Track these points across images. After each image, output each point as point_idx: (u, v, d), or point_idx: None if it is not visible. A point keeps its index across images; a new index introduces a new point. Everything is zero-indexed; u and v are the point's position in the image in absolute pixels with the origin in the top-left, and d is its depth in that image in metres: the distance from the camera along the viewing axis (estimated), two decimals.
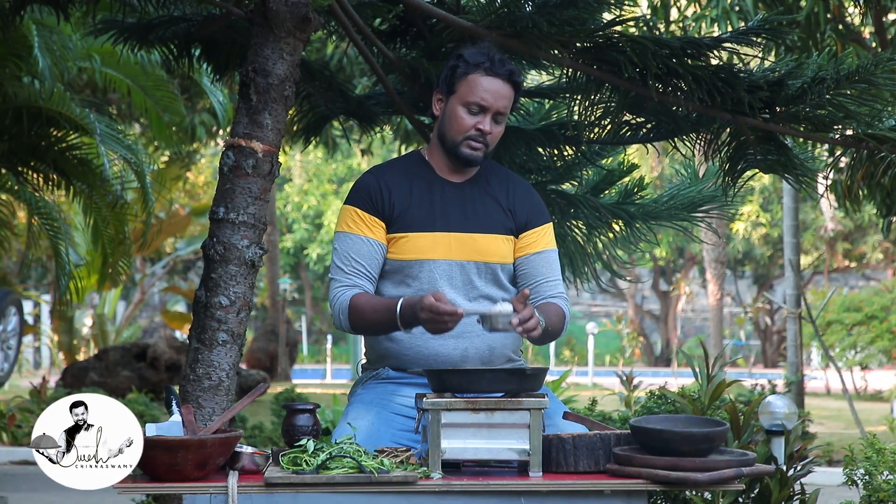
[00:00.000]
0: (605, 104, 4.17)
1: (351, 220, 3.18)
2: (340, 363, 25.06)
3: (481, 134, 3.13)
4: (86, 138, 7.90)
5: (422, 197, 3.19)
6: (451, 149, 3.17)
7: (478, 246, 3.18)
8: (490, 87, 3.12)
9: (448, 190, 3.21)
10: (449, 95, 3.17)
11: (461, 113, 3.14)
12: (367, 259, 3.16)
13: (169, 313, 19.19)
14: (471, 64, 3.13)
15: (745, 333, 28.07)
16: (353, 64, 10.90)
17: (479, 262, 3.18)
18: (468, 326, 3.13)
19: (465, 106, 3.13)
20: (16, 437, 9.78)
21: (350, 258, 3.16)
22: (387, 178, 3.21)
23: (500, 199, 3.24)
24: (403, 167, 3.25)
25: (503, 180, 3.28)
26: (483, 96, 3.12)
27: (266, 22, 3.59)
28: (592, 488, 2.70)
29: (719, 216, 4.85)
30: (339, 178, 29.09)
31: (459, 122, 3.14)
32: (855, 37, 7.75)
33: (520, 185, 3.31)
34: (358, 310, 3.11)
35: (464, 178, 3.24)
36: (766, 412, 4.47)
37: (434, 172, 3.23)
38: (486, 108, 3.12)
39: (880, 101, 3.83)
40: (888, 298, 15.28)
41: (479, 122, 3.13)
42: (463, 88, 3.13)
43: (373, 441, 3.01)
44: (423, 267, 3.16)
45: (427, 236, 3.16)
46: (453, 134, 3.15)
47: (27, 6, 4.65)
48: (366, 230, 3.17)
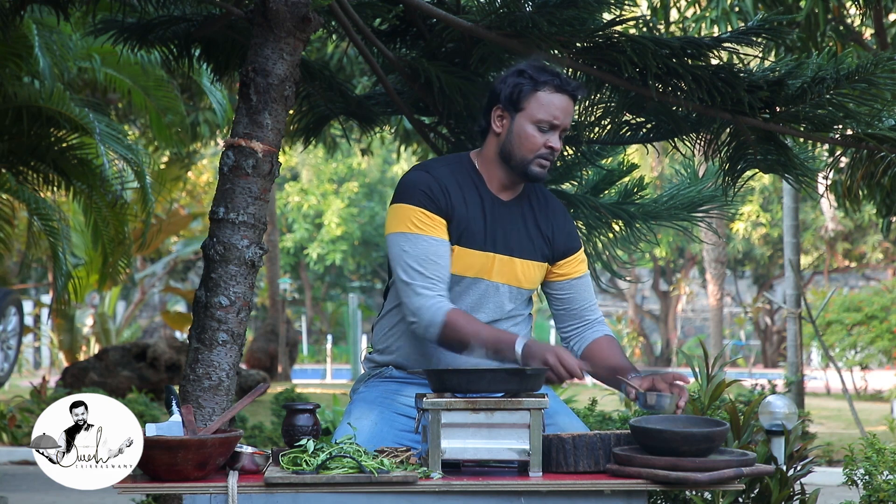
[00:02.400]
0: (605, 104, 4.17)
1: (417, 220, 3.03)
2: (340, 363, 25.07)
3: (552, 151, 3.08)
4: (86, 138, 7.90)
5: (476, 211, 3.10)
6: (520, 166, 3.08)
7: (515, 270, 3.15)
8: (560, 104, 3.07)
9: (498, 208, 3.14)
10: (515, 113, 3.08)
11: (531, 131, 3.07)
12: (445, 261, 3.03)
13: (169, 313, 19.20)
14: (539, 81, 3.07)
15: (745, 333, 28.08)
16: (353, 64, 10.90)
17: (513, 287, 3.15)
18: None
19: (536, 124, 3.06)
20: (16, 437, 9.79)
21: (430, 261, 3.01)
22: (443, 181, 3.09)
23: (540, 224, 3.19)
24: (456, 172, 3.13)
25: (542, 204, 3.22)
26: (555, 114, 3.06)
27: (266, 22, 3.59)
28: (592, 488, 2.70)
29: (719, 216, 4.85)
30: (339, 178, 29.09)
31: (531, 140, 3.07)
32: (855, 37, 7.75)
33: (557, 208, 3.26)
34: (456, 325, 2.97)
35: (511, 195, 3.17)
36: (766, 412, 4.47)
37: (485, 186, 3.14)
38: (556, 125, 3.07)
39: (880, 100, 3.83)
40: (888, 298, 15.28)
41: (548, 139, 3.07)
42: (533, 106, 3.06)
43: (375, 441, 3.01)
44: (472, 284, 3.11)
45: (481, 255, 3.10)
46: (524, 153, 3.07)
47: (27, 6, 4.66)
48: (437, 231, 3.04)
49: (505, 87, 3.09)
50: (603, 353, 3.14)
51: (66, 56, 8.20)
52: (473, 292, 3.12)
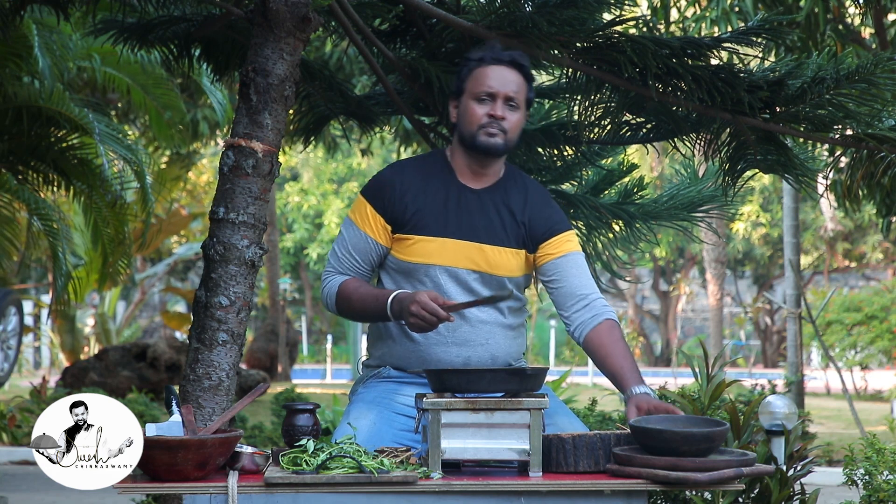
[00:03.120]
0: (605, 104, 4.16)
1: (360, 214, 3.23)
2: (340, 363, 25.07)
3: (494, 119, 3.14)
4: (86, 138, 7.90)
5: (437, 200, 3.19)
6: (470, 142, 3.17)
7: (485, 257, 3.17)
8: (493, 74, 3.16)
9: (465, 196, 3.20)
10: (461, 96, 3.21)
11: (473, 105, 3.17)
12: (363, 256, 3.23)
13: (169, 313, 19.19)
14: (474, 59, 3.20)
15: (745, 333, 28.08)
16: (353, 64, 10.90)
17: (484, 273, 3.17)
18: (471, 334, 3.14)
19: (476, 98, 3.16)
20: (16, 437, 9.79)
21: (347, 250, 3.24)
22: (405, 176, 3.22)
23: (515, 210, 3.21)
24: (424, 167, 3.26)
25: (521, 190, 3.25)
26: (490, 83, 3.15)
27: (266, 22, 3.59)
28: (592, 488, 2.70)
29: (719, 216, 4.85)
30: (339, 178, 29.09)
31: (472, 114, 3.16)
32: (855, 37, 7.75)
33: (538, 194, 3.28)
34: (345, 295, 3.21)
35: (483, 183, 3.23)
36: (766, 412, 4.47)
37: (454, 176, 3.23)
38: (494, 94, 3.15)
39: (880, 101, 3.83)
40: (888, 298, 15.28)
41: (490, 109, 3.15)
42: (470, 84, 3.18)
43: (374, 441, 3.01)
44: (427, 271, 3.16)
45: (435, 241, 3.17)
46: (470, 127, 3.16)
47: (27, 6, 4.65)
48: (369, 229, 3.21)
49: (454, 80, 3.26)
50: (603, 350, 3.11)
51: (65, 56, 8.20)
52: (434, 278, 3.16)
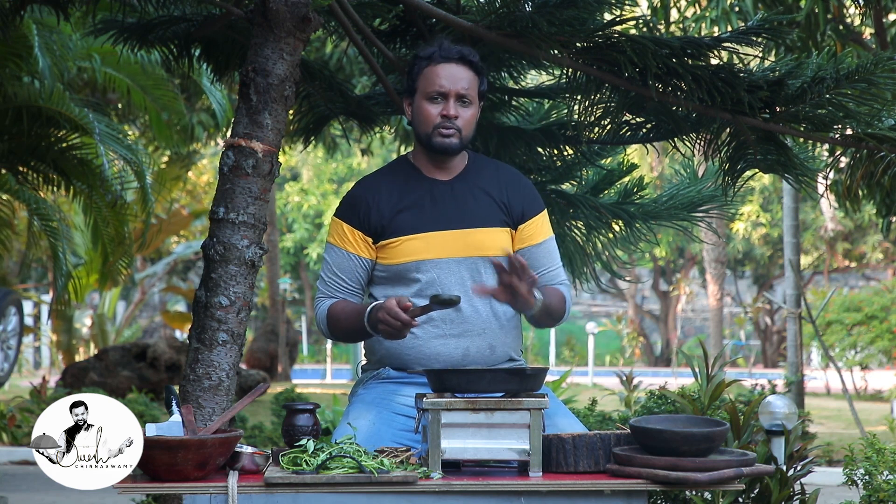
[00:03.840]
0: (605, 104, 4.16)
1: (338, 234, 3.25)
2: (340, 363, 25.06)
3: (448, 119, 3.15)
4: (86, 138, 7.91)
5: (411, 200, 3.21)
6: (426, 142, 3.19)
7: (476, 241, 3.19)
8: (443, 72, 3.16)
9: (438, 188, 3.22)
10: (413, 96, 3.22)
11: (425, 106, 3.17)
12: (349, 274, 3.24)
13: (169, 313, 19.19)
14: (423, 58, 3.20)
15: (745, 333, 28.07)
16: (353, 63, 10.90)
17: (481, 257, 3.19)
18: (467, 325, 3.15)
19: (428, 98, 3.17)
20: (16, 437, 9.78)
21: (333, 272, 3.25)
22: (373, 187, 3.25)
23: (491, 192, 3.24)
24: (391, 173, 3.28)
25: (492, 173, 3.29)
26: (440, 83, 3.15)
27: (266, 22, 3.59)
28: (592, 488, 2.70)
29: (719, 216, 4.85)
30: (339, 178, 29.09)
31: (425, 114, 3.17)
32: (855, 37, 7.75)
33: (509, 174, 3.31)
34: (333, 318, 3.21)
35: (451, 174, 3.25)
36: (766, 412, 4.47)
37: (421, 174, 3.25)
38: (445, 93, 3.15)
39: (880, 100, 3.83)
40: (888, 298, 15.27)
41: (443, 109, 3.16)
42: (422, 83, 3.18)
43: (373, 441, 3.01)
44: (420, 268, 3.17)
45: (419, 237, 3.18)
46: (424, 127, 3.18)
47: (27, 6, 4.65)
48: (350, 246, 3.23)
49: (405, 79, 3.26)
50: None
51: (65, 56, 8.20)
52: (431, 273, 3.17)
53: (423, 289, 3.16)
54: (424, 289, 3.16)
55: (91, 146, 7.90)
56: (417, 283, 3.17)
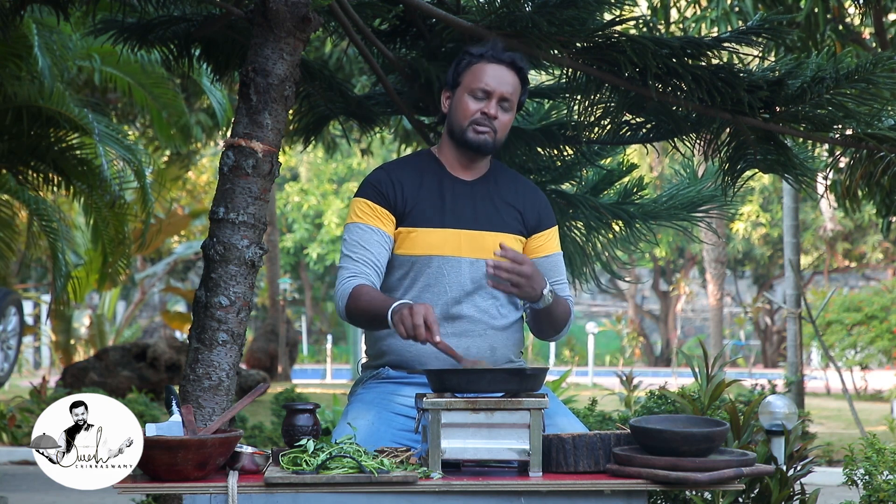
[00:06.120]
0: (605, 104, 4.16)
1: (361, 212, 3.21)
2: (340, 363, 25.07)
3: (487, 117, 3.17)
4: (85, 138, 7.91)
5: (432, 193, 3.22)
6: (460, 136, 3.20)
7: (491, 244, 3.19)
8: (493, 72, 3.18)
9: (458, 187, 3.24)
10: (455, 89, 3.23)
11: (467, 100, 3.19)
12: (376, 248, 3.17)
13: (169, 313, 19.19)
14: (474, 55, 3.21)
15: (745, 333, 28.08)
16: (353, 64, 10.90)
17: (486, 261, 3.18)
18: (469, 325, 3.15)
19: (471, 93, 3.18)
20: (16, 437, 9.79)
21: (359, 246, 3.17)
22: (398, 173, 3.24)
23: (509, 199, 3.27)
24: (414, 163, 3.28)
25: (510, 181, 3.31)
26: (487, 81, 3.17)
27: (266, 22, 3.59)
28: (592, 488, 2.70)
29: (719, 216, 4.85)
30: (339, 178, 29.09)
31: (465, 108, 3.18)
32: (855, 37, 7.75)
33: (527, 186, 3.35)
34: (355, 298, 3.10)
35: (474, 175, 3.27)
36: (766, 412, 4.47)
37: (444, 169, 3.26)
38: (490, 92, 3.17)
39: (880, 100, 3.83)
40: (888, 298, 15.28)
41: (483, 106, 3.17)
42: (467, 78, 3.20)
43: (373, 441, 3.01)
44: (430, 263, 3.18)
45: (437, 232, 3.19)
46: (460, 121, 3.19)
47: (27, 6, 4.65)
48: (375, 221, 3.19)
49: (450, 70, 3.26)
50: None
51: (65, 56, 8.21)
52: (437, 269, 3.17)
53: (430, 284, 3.16)
54: (431, 284, 3.16)
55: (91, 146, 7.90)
56: (424, 277, 3.17)
